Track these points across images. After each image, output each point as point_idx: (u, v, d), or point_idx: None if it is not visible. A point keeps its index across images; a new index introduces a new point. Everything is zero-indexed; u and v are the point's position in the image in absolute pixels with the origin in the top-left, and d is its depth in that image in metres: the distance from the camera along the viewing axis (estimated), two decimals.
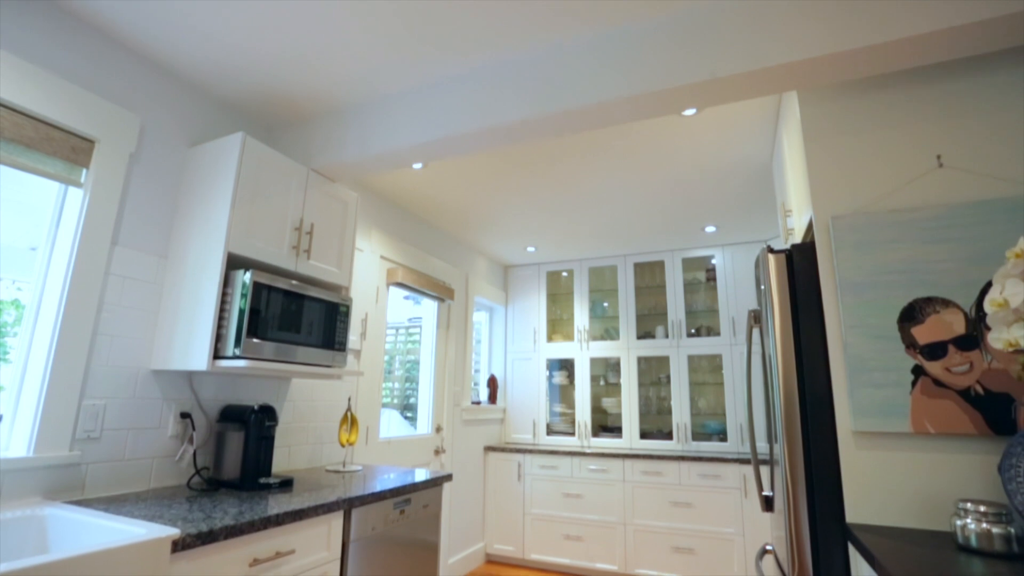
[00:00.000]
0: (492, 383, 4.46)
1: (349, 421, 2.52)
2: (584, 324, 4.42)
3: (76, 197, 1.75)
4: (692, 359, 4.14)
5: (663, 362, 4.30)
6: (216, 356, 1.79)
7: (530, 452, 4.06)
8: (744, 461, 3.44)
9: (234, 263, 1.94)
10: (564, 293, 4.74)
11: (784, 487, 1.64)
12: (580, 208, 3.37)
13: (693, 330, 4.13)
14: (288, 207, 2.10)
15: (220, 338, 1.80)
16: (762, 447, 3.15)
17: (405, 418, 3.63)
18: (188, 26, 1.79)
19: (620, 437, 4.12)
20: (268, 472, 2.02)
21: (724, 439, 3.86)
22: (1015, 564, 1.17)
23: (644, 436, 4.10)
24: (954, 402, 1.50)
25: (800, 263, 1.78)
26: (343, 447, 2.60)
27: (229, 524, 1.40)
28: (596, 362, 4.49)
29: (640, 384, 4.26)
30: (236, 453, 1.96)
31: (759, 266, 1.92)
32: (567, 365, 4.65)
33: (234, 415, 2.01)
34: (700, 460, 3.53)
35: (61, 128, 1.70)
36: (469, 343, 4.11)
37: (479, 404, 4.22)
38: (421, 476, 2.28)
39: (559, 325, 4.71)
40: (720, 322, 3.98)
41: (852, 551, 1.52)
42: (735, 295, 3.96)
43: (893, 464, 1.55)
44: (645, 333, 4.30)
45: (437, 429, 3.63)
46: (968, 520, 1.28)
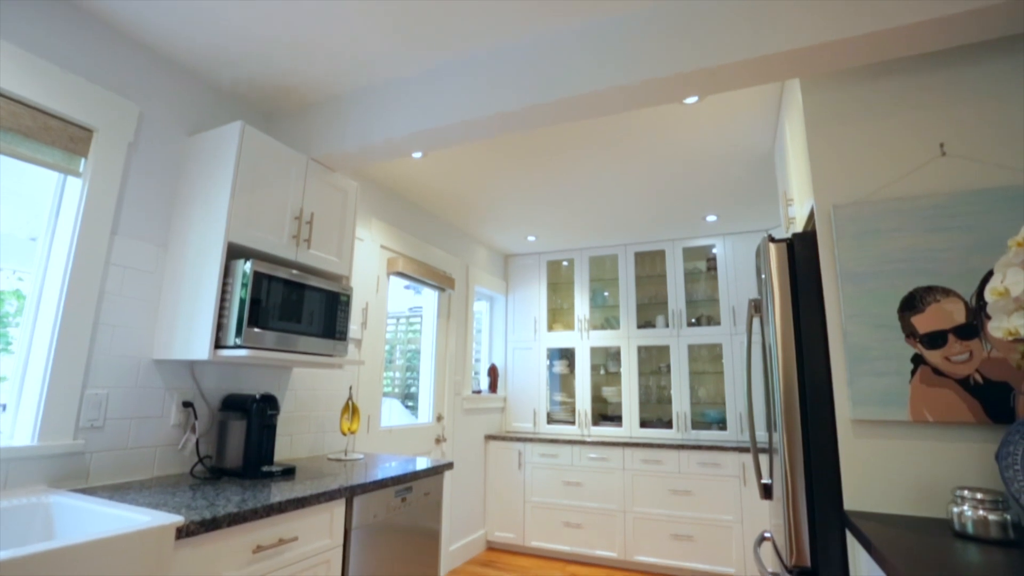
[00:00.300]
0: (493, 372, 4.48)
1: (350, 410, 2.53)
2: (584, 313, 4.42)
3: (75, 187, 1.74)
4: (692, 348, 4.15)
5: (663, 351, 4.31)
6: (217, 346, 1.80)
7: (530, 441, 4.08)
8: (743, 450, 3.46)
9: (234, 253, 1.94)
10: (565, 282, 4.74)
11: (783, 475, 1.66)
12: (581, 197, 3.36)
13: (693, 319, 4.14)
14: (288, 196, 2.10)
15: (221, 328, 1.81)
16: (761, 436, 3.17)
17: (406, 407, 3.65)
18: (186, 13, 1.77)
19: (620, 426, 4.14)
20: (270, 460, 2.03)
21: (723, 428, 3.88)
22: (1010, 550, 1.18)
23: (644, 425, 4.12)
24: (953, 391, 1.50)
25: (801, 252, 1.77)
26: (345, 436, 2.61)
27: (232, 512, 1.41)
28: (596, 351, 4.50)
29: (640, 373, 4.27)
30: (238, 442, 1.97)
31: (760, 255, 1.92)
32: (567, 354, 4.66)
33: (236, 404, 2.02)
34: (699, 449, 3.55)
35: (59, 117, 1.69)
36: (470, 332, 4.12)
37: (480, 393, 4.24)
38: (422, 464, 2.29)
39: (560, 314, 4.72)
40: (720, 311, 3.98)
41: (850, 538, 1.54)
42: (736, 284, 3.96)
43: (891, 452, 1.56)
44: (645, 322, 4.31)
45: (438, 418, 3.65)
46: (965, 507, 1.29)
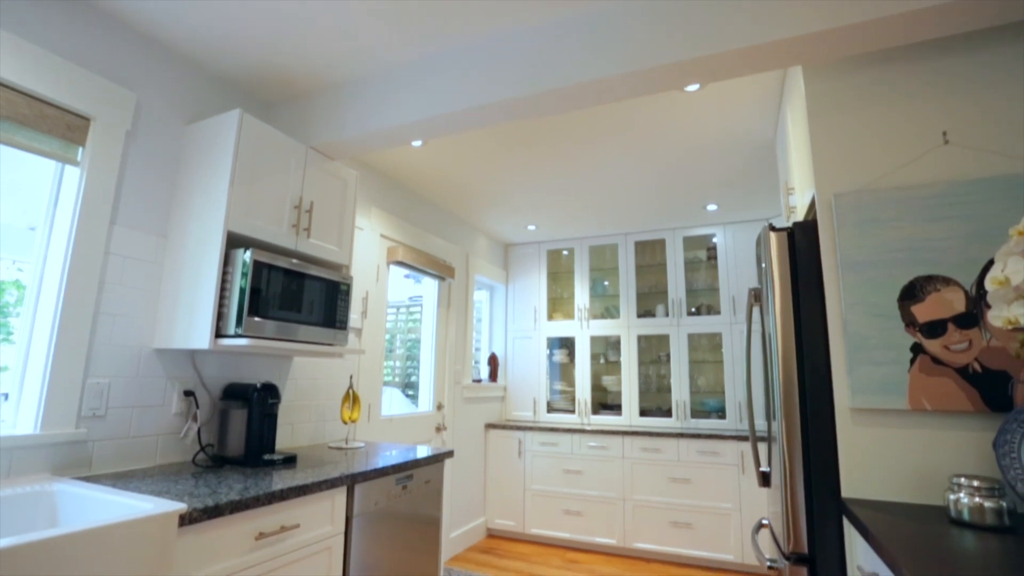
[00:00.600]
0: (493, 361, 4.49)
1: (351, 399, 2.54)
2: (584, 303, 4.43)
3: (73, 176, 1.74)
4: (692, 338, 4.16)
5: (663, 340, 4.32)
6: (218, 335, 1.80)
7: (530, 429, 4.11)
8: (742, 438, 3.48)
9: (234, 242, 1.94)
10: (565, 272, 4.74)
11: (781, 463, 1.67)
12: (581, 186, 3.35)
13: (693, 309, 4.14)
14: (287, 185, 2.09)
15: (222, 317, 1.81)
16: (760, 425, 3.19)
17: (406, 396, 3.67)
18: None
19: (620, 415, 4.16)
20: (272, 449, 2.04)
21: (723, 417, 3.90)
22: (1005, 536, 1.19)
23: (643, 414, 4.14)
24: (952, 380, 1.51)
25: (802, 241, 1.77)
26: (345, 424, 2.63)
27: (235, 499, 1.42)
28: (596, 340, 4.51)
29: (640, 362, 4.28)
30: (240, 430, 1.98)
31: (760, 244, 1.91)
32: (567, 343, 4.67)
33: (237, 393, 2.03)
34: (699, 437, 3.57)
35: (55, 105, 1.68)
36: (470, 322, 4.13)
37: (480, 382, 4.25)
38: (423, 453, 2.31)
39: (559, 304, 4.72)
40: (720, 301, 3.98)
41: (847, 525, 1.55)
42: (736, 274, 3.96)
43: (889, 440, 1.57)
44: (645, 312, 4.31)
45: (438, 407, 3.67)
46: (961, 495, 1.30)
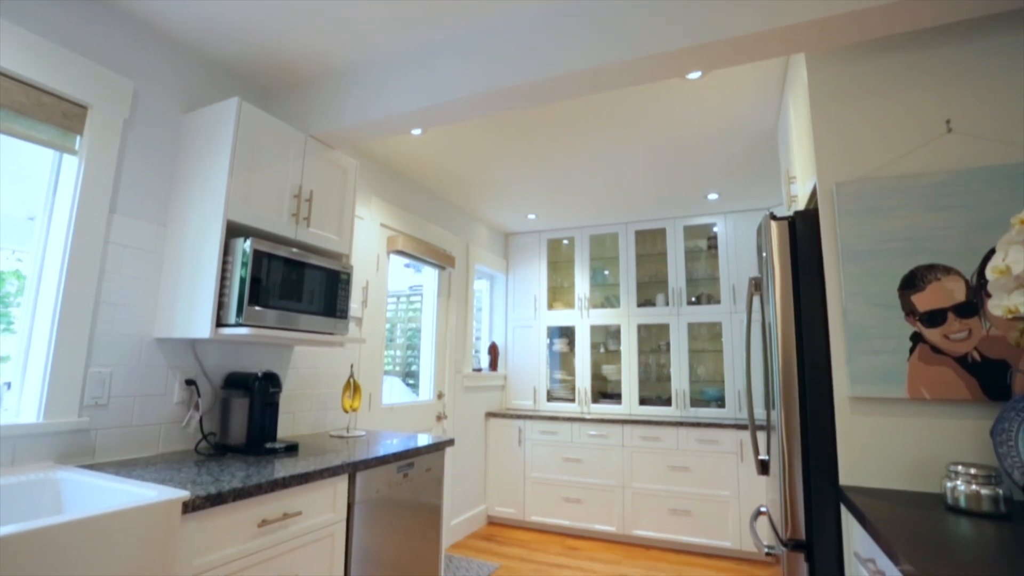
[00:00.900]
0: (493, 350, 4.50)
1: (352, 388, 2.55)
2: (585, 292, 4.43)
3: (71, 165, 1.73)
4: (692, 327, 4.17)
5: (663, 330, 4.33)
6: (219, 324, 1.80)
7: (531, 418, 4.13)
8: (741, 427, 3.50)
9: (234, 231, 1.93)
10: (565, 261, 4.73)
11: (780, 451, 1.68)
12: (582, 175, 3.33)
13: (693, 298, 4.14)
14: (287, 174, 2.08)
15: (222, 306, 1.81)
16: (759, 414, 3.21)
17: (407, 385, 3.68)
18: None
19: (619, 403, 4.18)
20: (273, 437, 2.06)
21: (722, 405, 3.91)
22: (1001, 523, 1.20)
23: (643, 402, 4.16)
24: (951, 368, 1.51)
25: (803, 230, 1.77)
26: (346, 413, 2.64)
27: (237, 487, 1.44)
28: (596, 329, 4.52)
29: (640, 351, 4.29)
30: (241, 419, 1.99)
31: (761, 233, 1.91)
32: (567, 332, 4.68)
33: (238, 382, 2.03)
34: (698, 426, 3.59)
35: (52, 93, 1.66)
36: (470, 311, 4.13)
37: (480, 371, 4.27)
38: (423, 441, 2.32)
39: (560, 293, 4.72)
40: (720, 290, 3.99)
41: (844, 512, 1.57)
42: (736, 263, 3.96)
43: (888, 429, 1.57)
44: (645, 301, 4.31)
45: (439, 396, 3.68)
46: (958, 482, 1.31)
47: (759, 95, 2.33)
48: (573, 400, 4.39)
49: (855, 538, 1.46)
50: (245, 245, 1.82)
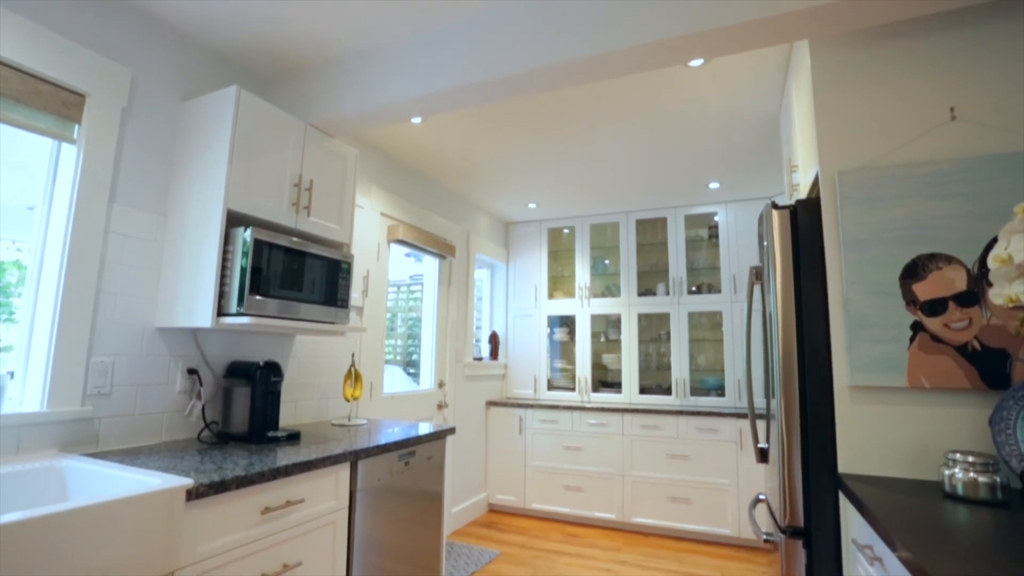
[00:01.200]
0: (494, 339, 4.51)
1: (353, 377, 2.56)
2: (585, 281, 4.43)
3: (70, 154, 1.72)
4: (692, 316, 4.17)
5: (663, 319, 4.33)
6: (220, 313, 1.81)
7: (531, 407, 4.15)
8: (740, 415, 3.51)
9: (234, 220, 1.93)
10: (565, 250, 4.72)
11: (779, 439, 1.69)
12: (583, 164, 3.32)
13: (694, 287, 4.14)
14: (286, 163, 2.07)
15: (223, 295, 1.81)
16: (759, 402, 3.22)
17: (408, 374, 3.69)
18: None
19: (620, 392, 4.20)
20: (275, 426, 2.07)
21: (722, 394, 3.93)
22: (997, 510, 1.21)
23: (643, 391, 4.18)
24: (951, 357, 1.51)
25: (804, 219, 1.76)
26: (348, 402, 2.65)
27: (240, 475, 1.45)
28: (597, 319, 4.53)
29: (640, 340, 4.30)
30: (243, 408, 2.00)
31: (763, 222, 1.90)
32: (568, 322, 4.68)
33: (240, 371, 2.04)
34: (698, 415, 3.61)
35: (50, 81, 1.65)
36: (470, 300, 4.13)
37: (481, 360, 4.28)
38: (425, 429, 2.34)
39: (560, 282, 4.72)
40: (721, 279, 3.98)
41: (842, 499, 1.58)
42: (737, 252, 3.95)
43: (887, 417, 1.58)
44: (646, 290, 4.31)
45: (440, 384, 3.70)
46: (956, 470, 1.32)
47: (761, 83, 2.32)
48: (573, 389, 4.40)
49: (853, 525, 1.47)
50: (245, 234, 1.82)
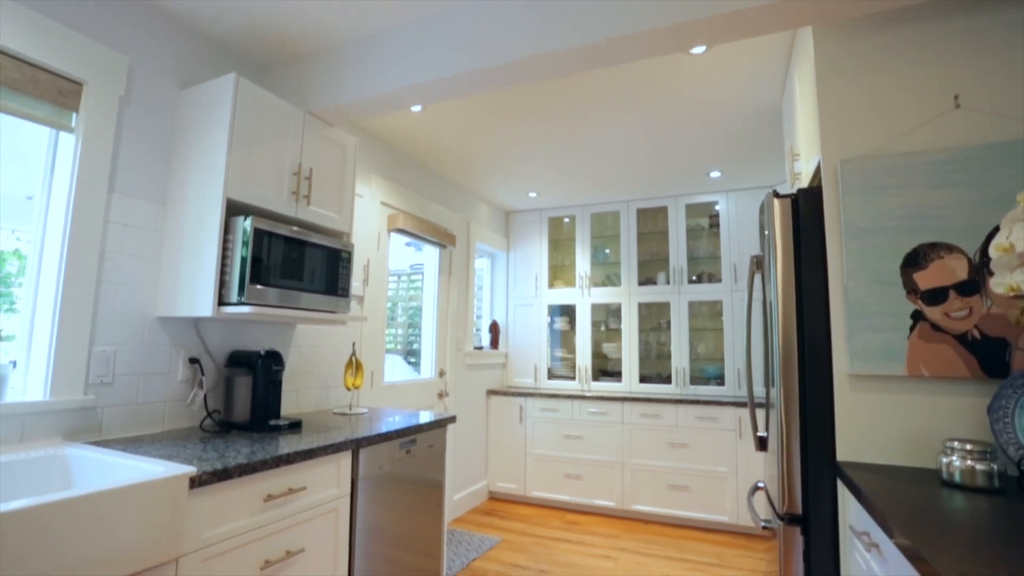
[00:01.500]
0: (494, 328, 4.52)
1: (354, 366, 2.57)
2: (586, 270, 4.43)
3: (68, 143, 1.71)
4: (692, 305, 4.17)
5: (664, 308, 4.33)
6: (220, 303, 1.81)
7: (531, 395, 4.17)
8: (740, 404, 3.53)
9: (233, 209, 1.92)
10: (566, 239, 4.72)
11: (779, 427, 1.70)
12: (583, 153, 3.30)
13: (694, 276, 4.14)
14: (286, 152, 2.06)
15: (224, 285, 1.81)
16: (759, 391, 3.23)
17: (409, 363, 3.71)
18: None
19: (620, 381, 4.21)
20: (277, 415, 2.08)
21: (722, 383, 3.94)
22: (994, 498, 1.22)
23: (643, 380, 4.19)
24: (950, 346, 1.52)
25: (806, 208, 1.76)
26: (349, 391, 2.67)
27: (243, 462, 1.46)
28: (597, 308, 4.53)
29: (640, 330, 4.31)
30: (245, 397, 2.01)
31: (764, 211, 1.90)
32: (568, 311, 4.69)
33: (241, 360, 2.05)
34: (697, 403, 3.63)
35: (46, 69, 1.64)
36: (471, 289, 4.14)
37: (481, 349, 4.29)
38: (426, 418, 2.35)
39: (560, 271, 4.72)
40: (722, 269, 3.98)
41: (840, 486, 1.59)
42: (738, 242, 3.94)
43: (886, 406, 1.59)
44: (646, 279, 4.31)
45: (440, 373, 3.71)
46: (954, 458, 1.33)
47: (763, 71, 2.30)
48: (574, 378, 4.42)
49: (851, 512, 1.48)
50: (245, 224, 1.81)
